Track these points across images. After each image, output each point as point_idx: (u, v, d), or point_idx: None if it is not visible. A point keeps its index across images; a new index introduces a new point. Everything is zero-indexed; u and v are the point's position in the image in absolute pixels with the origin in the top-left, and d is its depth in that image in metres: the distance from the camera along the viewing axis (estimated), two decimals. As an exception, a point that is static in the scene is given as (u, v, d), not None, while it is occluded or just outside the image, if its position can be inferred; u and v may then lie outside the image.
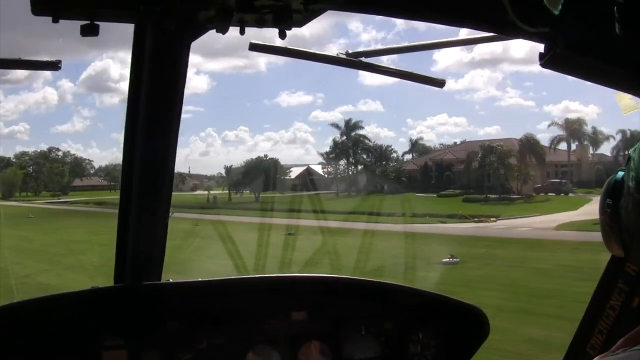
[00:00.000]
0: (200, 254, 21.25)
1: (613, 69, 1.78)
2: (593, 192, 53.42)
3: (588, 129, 57.49)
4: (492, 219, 38.91)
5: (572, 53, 1.73)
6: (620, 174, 1.47)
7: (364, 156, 63.47)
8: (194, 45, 2.11)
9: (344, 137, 62.42)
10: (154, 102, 2.22)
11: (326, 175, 63.06)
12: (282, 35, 1.84)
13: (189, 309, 2.67)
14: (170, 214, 2.52)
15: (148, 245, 2.57)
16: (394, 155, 66.55)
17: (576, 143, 57.93)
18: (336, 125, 64.27)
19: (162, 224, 2.53)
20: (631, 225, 1.34)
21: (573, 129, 56.61)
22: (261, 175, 57.83)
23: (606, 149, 60.79)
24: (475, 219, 38.78)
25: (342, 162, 62.78)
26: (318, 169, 64.98)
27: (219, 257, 16.59)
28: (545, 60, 1.72)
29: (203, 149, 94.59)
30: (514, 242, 28.24)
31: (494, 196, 50.73)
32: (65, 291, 2.59)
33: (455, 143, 67.13)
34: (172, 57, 2.11)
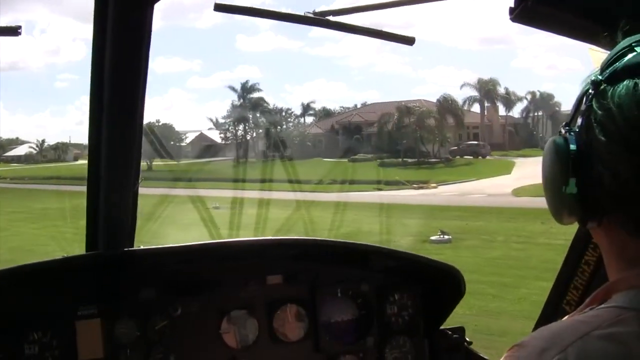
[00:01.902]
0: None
1: (586, 23, 1.69)
2: (508, 154, 51.95)
3: (501, 89, 55.70)
4: (432, 184, 35.29)
5: (544, 6, 1.68)
6: (572, 144, 1.13)
7: (264, 120, 58.36)
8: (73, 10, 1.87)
9: (242, 101, 57.28)
10: (119, 64, 2.08)
11: (223, 141, 57.49)
12: None
13: (162, 275, 2.59)
14: (139, 180, 2.42)
15: (119, 212, 2.44)
16: (296, 119, 61.96)
17: (488, 104, 56.00)
18: (232, 88, 58.80)
19: (133, 190, 2.41)
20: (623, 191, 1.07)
21: (487, 89, 54.52)
22: (152, 141, 51.12)
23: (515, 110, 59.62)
24: (415, 185, 35.06)
25: (241, 126, 57.52)
26: (214, 134, 59.36)
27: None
28: (515, 14, 1.65)
29: (79, 117, 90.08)
30: (486, 211, 24.50)
31: (411, 160, 47.64)
32: (36, 261, 2.44)
33: (363, 105, 63.28)
34: (135, 16, 1.99)
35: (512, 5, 1.65)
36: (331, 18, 2.13)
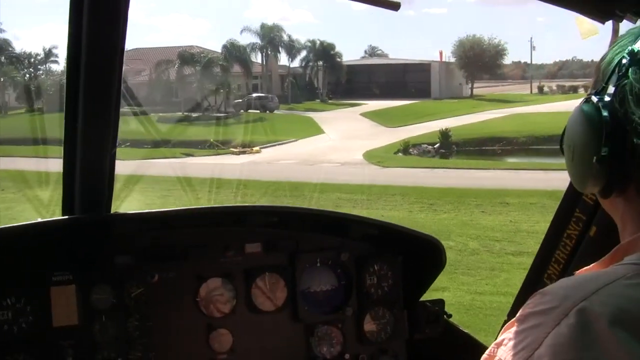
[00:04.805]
0: None
1: None
2: (295, 108, 48.26)
3: (285, 37, 51.09)
4: (254, 148, 29.56)
5: None
6: (603, 112, 1.11)
7: (12, 67, 46.05)
8: None
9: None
10: (96, 21, 2.01)
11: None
12: None
13: (139, 242, 2.51)
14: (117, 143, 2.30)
15: (96, 176, 2.38)
16: (47, 66, 50.20)
17: (269, 53, 51.09)
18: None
19: (110, 154, 2.33)
20: None
21: (271, 36, 49.50)
22: None
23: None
24: (235, 150, 29.08)
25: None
26: None
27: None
28: None
29: None
30: (380, 191, 19.45)
31: (195, 115, 41.11)
32: (9, 225, 2.36)
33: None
34: None
35: None
36: None
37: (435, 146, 31.23)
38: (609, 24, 1.77)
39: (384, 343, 2.79)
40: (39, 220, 2.42)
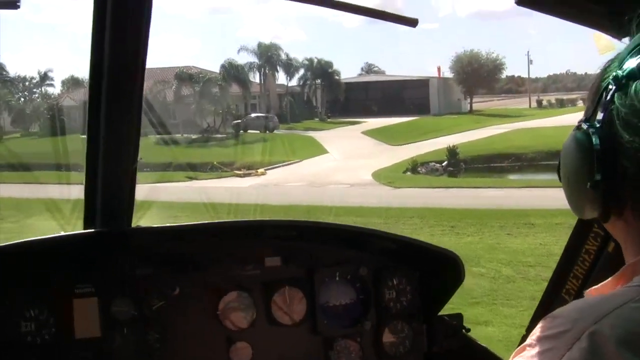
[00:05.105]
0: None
1: (593, 7, 1.67)
2: (295, 127, 47.63)
3: (282, 55, 50.52)
4: (259, 170, 28.84)
5: None
6: (595, 140, 1.14)
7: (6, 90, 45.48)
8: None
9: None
10: (119, 37, 2.03)
11: None
12: None
13: (160, 255, 2.54)
14: (139, 158, 2.34)
15: (118, 190, 2.42)
16: (43, 89, 49.51)
17: (266, 72, 50.53)
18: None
19: (131, 168, 2.38)
20: None
21: (269, 55, 48.95)
22: None
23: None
24: (239, 172, 28.39)
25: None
26: None
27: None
28: None
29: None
30: (394, 214, 18.65)
31: (195, 136, 40.44)
32: (33, 237, 2.39)
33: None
34: None
35: None
36: None
37: (443, 164, 30.60)
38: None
39: (403, 357, 2.79)
40: (62, 233, 2.49)
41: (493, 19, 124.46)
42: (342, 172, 27.18)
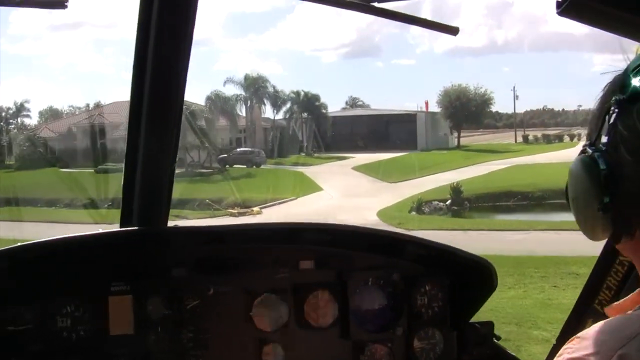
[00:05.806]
0: None
1: (637, 19, 1.63)
2: (283, 162, 46.01)
3: (269, 88, 49.03)
4: (254, 208, 27.00)
5: (593, 0, 1.63)
6: (601, 164, 1.15)
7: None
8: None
9: None
10: (163, 41, 2.13)
11: None
12: None
13: (195, 255, 2.58)
14: (177, 159, 2.43)
15: (155, 190, 2.47)
16: (20, 119, 47.35)
17: (253, 105, 48.95)
18: None
19: (169, 169, 2.44)
20: None
21: (256, 87, 47.43)
22: None
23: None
24: (234, 210, 26.58)
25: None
26: None
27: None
28: (563, 8, 1.59)
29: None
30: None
31: (179, 170, 38.46)
32: (71, 235, 2.44)
33: (97, 105, 50.74)
34: None
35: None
36: (376, 4, 2.07)
37: (447, 203, 29.09)
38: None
39: None
40: (100, 231, 2.50)
41: (469, 55, 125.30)
42: (343, 211, 25.41)
